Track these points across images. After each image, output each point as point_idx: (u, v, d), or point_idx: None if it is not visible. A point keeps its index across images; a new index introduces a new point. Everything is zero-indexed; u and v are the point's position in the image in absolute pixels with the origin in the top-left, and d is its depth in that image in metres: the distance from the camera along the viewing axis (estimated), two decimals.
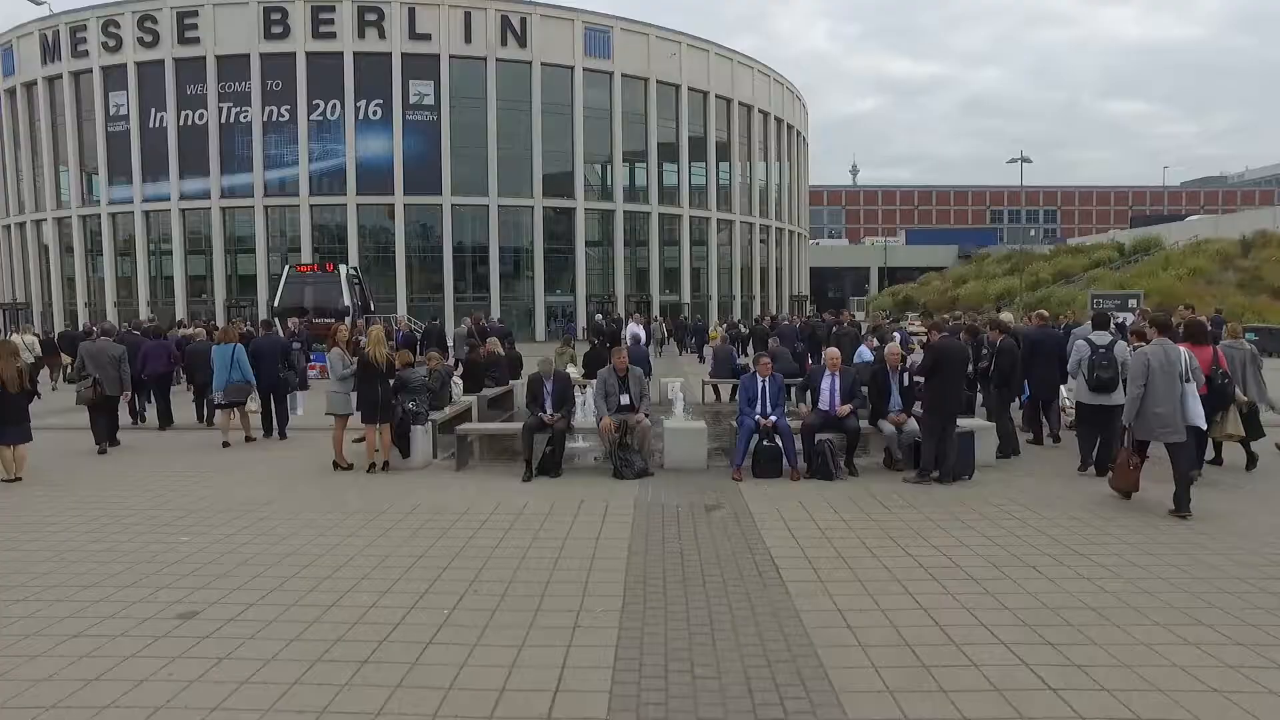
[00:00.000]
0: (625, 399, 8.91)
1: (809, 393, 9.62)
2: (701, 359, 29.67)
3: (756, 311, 53.42)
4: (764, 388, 8.92)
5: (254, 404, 11.17)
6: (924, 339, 16.33)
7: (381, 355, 8.68)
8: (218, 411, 10.93)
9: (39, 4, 46.93)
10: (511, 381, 14.35)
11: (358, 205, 42.93)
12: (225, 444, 10.66)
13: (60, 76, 46.35)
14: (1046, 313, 14.70)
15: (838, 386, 8.86)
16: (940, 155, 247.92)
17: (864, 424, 8.95)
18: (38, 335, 19.57)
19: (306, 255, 40.99)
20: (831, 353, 9.14)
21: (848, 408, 8.71)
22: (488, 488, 8.11)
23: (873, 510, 7.19)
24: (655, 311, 46.71)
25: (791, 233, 62.40)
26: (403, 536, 6.37)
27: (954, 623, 4.54)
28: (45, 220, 48.50)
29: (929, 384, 8.20)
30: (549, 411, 8.75)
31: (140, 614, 4.72)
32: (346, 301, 21.60)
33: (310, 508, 7.30)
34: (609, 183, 48.57)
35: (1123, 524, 6.61)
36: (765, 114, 56.30)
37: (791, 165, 61.29)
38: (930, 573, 5.43)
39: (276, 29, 42.52)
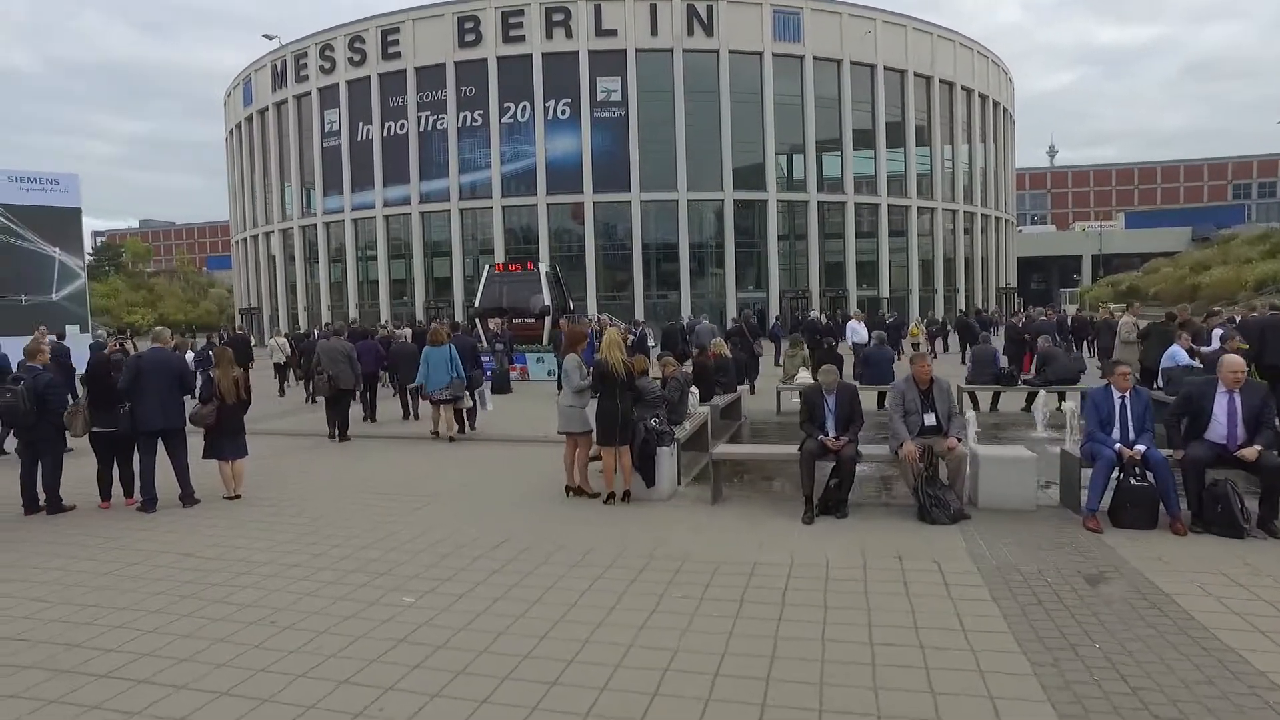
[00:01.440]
0: (930, 418, 6.87)
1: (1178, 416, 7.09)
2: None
3: (960, 306, 48.92)
4: (1124, 405, 6.58)
5: (469, 400, 11.77)
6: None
7: (619, 362, 7.16)
8: (439, 408, 11.57)
9: (271, 38, 51.26)
10: (739, 387, 12.68)
11: (548, 205, 43.10)
12: (451, 439, 11.21)
13: (286, 101, 50.20)
14: None
15: (1239, 408, 6.34)
16: (1155, 129, 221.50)
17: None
18: (287, 336, 20.77)
19: (499, 256, 41.64)
20: (1232, 362, 6.57)
21: (1255, 449, 6.16)
22: (762, 530, 6.36)
23: None
24: (852, 307, 43.83)
25: (998, 219, 56.72)
26: (685, 610, 4.72)
27: None
28: (272, 232, 52.81)
29: None
30: (832, 433, 6.88)
31: None
32: (546, 300, 20.79)
33: (552, 554, 5.86)
34: (801, 173, 46.07)
35: None
36: (968, 91, 51.44)
37: (997, 145, 55.70)
38: None
39: (469, 37, 43.58)
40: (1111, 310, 33.72)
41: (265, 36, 51.27)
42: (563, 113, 42.93)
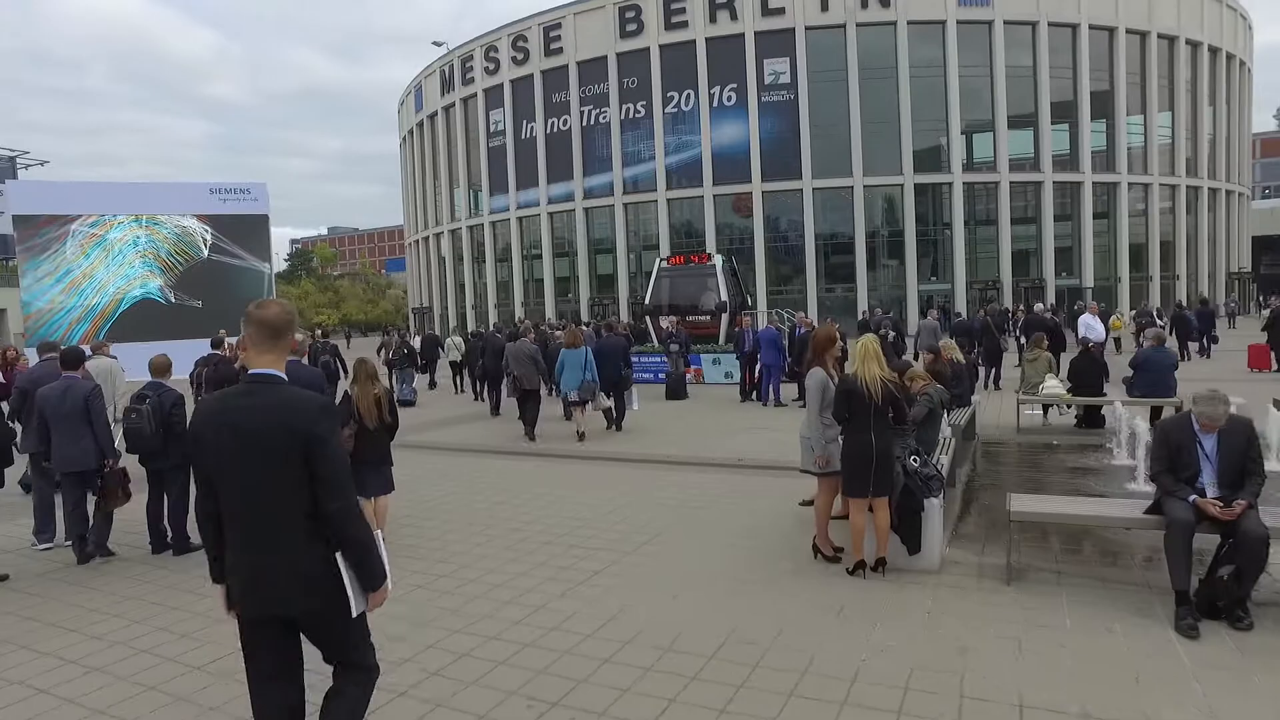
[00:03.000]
0: None
1: None
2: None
3: (1180, 295, 42.55)
4: None
5: (604, 401, 12.03)
6: None
7: (878, 381, 5.12)
8: (573, 408, 11.90)
9: (439, 44, 52.68)
10: (973, 399, 10.26)
11: (714, 196, 41.28)
12: (581, 435, 11.44)
13: (453, 105, 51.36)
14: None
15: None
16: None
17: None
18: (463, 337, 20.84)
19: (664, 250, 40.39)
20: None
21: None
22: (1117, 645, 4.12)
23: None
24: (1050, 298, 39.10)
25: (1228, 193, 48.98)
26: None
27: None
28: (442, 233, 54.30)
29: None
30: (1212, 492, 4.52)
31: None
32: (723, 296, 18.89)
33: (802, 674, 3.89)
34: (989, 152, 41.59)
35: None
36: (1194, 45, 44.56)
37: (1229, 106, 48.04)
38: None
39: (631, 27, 42.53)
40: None
41: (434, 44, 52.82)
42: (728, 99, 41.00)
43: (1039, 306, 17.85)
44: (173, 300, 30.10)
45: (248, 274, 31.38)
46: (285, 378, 2.66)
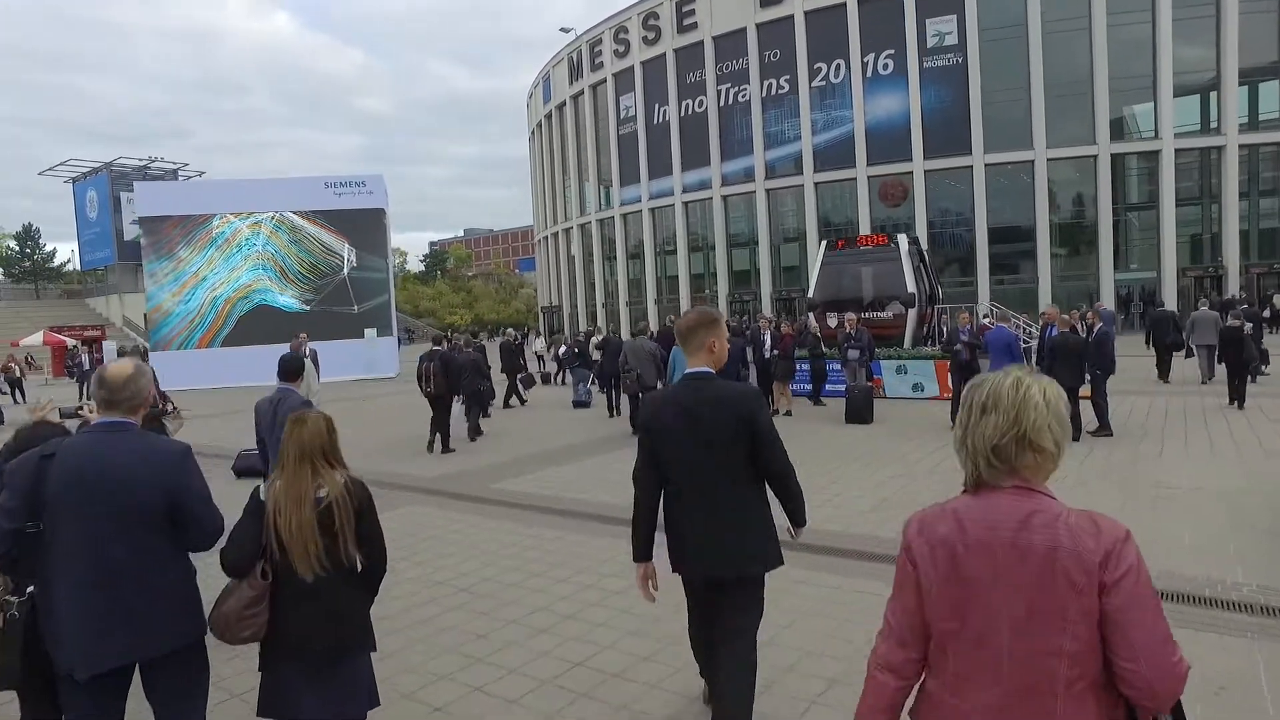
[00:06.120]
0: None
1: None
2: None
3: None
4: None
5: None
6: None
7: None
8: None
9: (567, 31, 50.33)
10: None
11: (868, 177, 36.52)
12: None
13: (582, 92, 48.91)
14: None
15: None
16: None
17: None
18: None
19: (812, 237, 36.11)
20: None
21: None
22: None
23: None
24: None
25: None
26: None
27: None
28: (571, 229, 51.98)
29: None
30: None
31: None
32: (910, 287, 14.65)
33: None
34: (1201, 113, 34.61)
35: None
36: None
37: None
38: None
39: None
40: None
41: (561, 30, 50.53)
42: (884, 67, 36.16)
43: None
44: (306, 308, 28.90)
45: (371, 280, 30.10)
46: (714, 373, 3.11)
